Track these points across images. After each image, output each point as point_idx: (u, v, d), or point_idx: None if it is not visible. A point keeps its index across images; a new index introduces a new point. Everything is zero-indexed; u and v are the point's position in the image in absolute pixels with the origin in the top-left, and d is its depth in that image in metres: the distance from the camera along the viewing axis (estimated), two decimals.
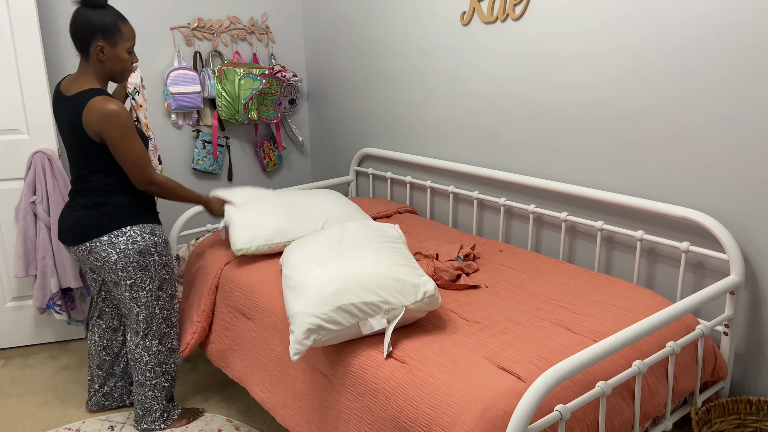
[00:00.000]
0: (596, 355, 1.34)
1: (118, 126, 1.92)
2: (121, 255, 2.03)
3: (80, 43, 1.96)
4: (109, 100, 1.92)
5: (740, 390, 1.95)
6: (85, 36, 1.93)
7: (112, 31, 1.94)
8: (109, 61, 1.98)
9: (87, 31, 1.92)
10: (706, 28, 1.81)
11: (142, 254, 2.06)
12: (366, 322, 1.63)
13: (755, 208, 1.80)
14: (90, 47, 1.95)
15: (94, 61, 1.97)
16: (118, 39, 1.96)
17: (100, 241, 2.03)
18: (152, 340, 2.17)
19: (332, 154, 3.52)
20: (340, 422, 1.64)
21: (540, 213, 2.37)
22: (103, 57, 1.96)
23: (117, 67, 2.00)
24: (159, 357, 2.19)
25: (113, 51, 1.97)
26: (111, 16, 1.94)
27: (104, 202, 2.04)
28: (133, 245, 2.04)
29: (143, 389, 2.20)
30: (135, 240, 2.04)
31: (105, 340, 2.34)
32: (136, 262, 2.05)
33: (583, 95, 2.18)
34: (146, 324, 2.14)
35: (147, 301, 2.11)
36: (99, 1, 1.93)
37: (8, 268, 2.85)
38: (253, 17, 3.29)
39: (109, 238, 2.03)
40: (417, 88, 2.85)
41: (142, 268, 2.07)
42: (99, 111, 1.91)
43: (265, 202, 2.40)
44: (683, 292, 2.03)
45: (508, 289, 1.97)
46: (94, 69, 1.99)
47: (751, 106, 1.76)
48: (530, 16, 2.29)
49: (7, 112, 2.69)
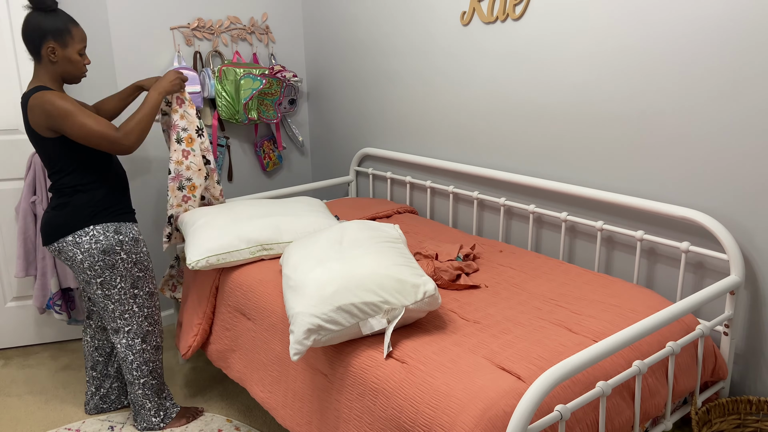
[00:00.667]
0: (596, 355, 1.34)
1: (57, 112, 1.94)
2: (86, 254, 2.06)
3: (32, 46, 2.00)
4: (45, 93, 1.97)
5: (740, 390, 1.95)
6: (36, 39, 1.98)
7: (63, 33, 1.99)
8: (61, 62, 2.03)
9: (38, 34, 1.97)
10: (706, 28, 1.81)
11: (107, 253, 2.08)
12: (366, 322, 1.63)
13: (755, 208, 1.80)
14: (41, 49, 1.99)
15: (46, 62, 2.02)
16: (69, 40, 2.01)
17: (65, 241, 2.07)
18: (134, 339, 2.18)
19: (332, 154, 3.53)
20: (340, 422, 1.64)
21: (540, 213, 2.37)
22: (54, 58, 2.01)
23: (69, 68, 2.04)
24: (144, 356, 2.21)
25: (64, 52, 2.01)
26: (62, 19, 2.00)
27: (66, 203, 2.08)
28: (96, 244, 2.07)
29: (133, 388, 2.23)
30: (98, 239, 2.07)
31: (96, 341, 2.35)
32: (102, 261, 2.07)
33: (583, 95, 2.18)
34: (124, 321, 2.16)
35: (120, 299, 2.13)
36: (49, 5, 1.98)
37: (8, 268, 2.85)
38: (253, 17, 3.29)
39: (73, 237, 2.06)
40: (417, 88, 2.85)
41: (110, 266, 2.09)
42: (38, 105, 1.95)
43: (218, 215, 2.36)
44: (683, 292, 2.03)
45: (508, 289, 1.97)
46: (45, 71, 2.04)
47: (751, 106, 1.76)
48: (530, 16, 2.29)
49: (7, 112, 2.70)
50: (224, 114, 3.14)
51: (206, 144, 2.46)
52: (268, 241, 2.25)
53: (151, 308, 2.21)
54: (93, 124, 1.98)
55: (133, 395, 2.24)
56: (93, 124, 1.98)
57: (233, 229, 2.24)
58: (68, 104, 1.96)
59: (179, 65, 3.05)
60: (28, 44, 2.01)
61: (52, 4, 2.00)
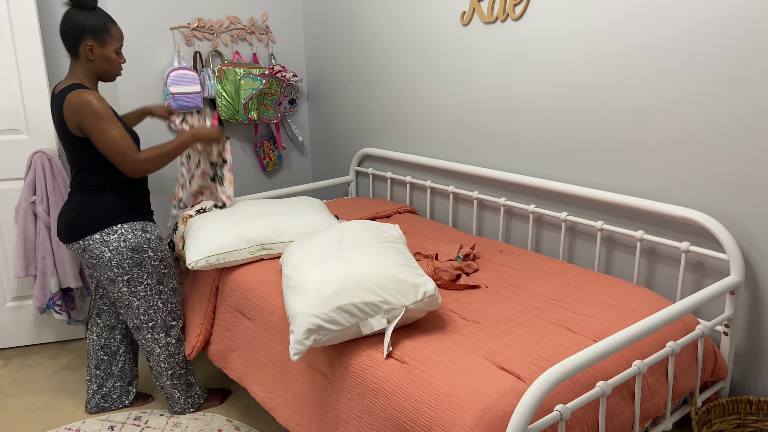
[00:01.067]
0: (596, 355, 1.34)
1: (91, 114, 1.96)
2: (115, 252, 2.08)
3: (70, 43, 2.02)
4: (84, 92, 1.98)
5: (740, 390, 1.95)
6: (75, 36, 1.99)
7: (102, 31, 2.01)
8: (98, 61, 2.04)
9: (77, 32, 1.99)
10: (706, 28, 1.81)
11: (135, 251, 2.11)
12: (366, 322, 1.63)
13: (755, 208, 1.80)
14: (80, 47, 2.01)
15: (83, 60, 2.04)
16: (107, 39, 2.03)
17: (92, 239, 2.08)
18: (159, 333, 2.23)
19: (332, 154, 3.52)
20: (340, 422, 1.64)
21: (540, 213, 2.37)
22: (92, 56, 2.03)
23: (106, 66, 2.06)
24: (169, 348, 2.27)
25: (102, 51, 2.03)
26: (101, 18, 2.01)
27: (94, 201, 2.09)
28: (125, 243, 2.09)
29: (162, 379, 2.30)
30: (126, 237, 2.09)
31: (103, 339, 2.35)
32: (130, 258, 2.10)
33: (583, 95, 2.18)
34: (148, 317, 2.19)
35: (146, 295, 2.16)
36: (89, 3, 2.00)
37: (8, 268, 2.86)
38: (253, 17, 3.29)
39: (101, 236, 2.08)
40: (417, 88, 2.85)
41: (137, 264, 2.12)
42: (75, 103, 1.96)
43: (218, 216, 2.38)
44: (683, 292, 2.03)
45: (508, 289, 1.97)
46: (82, 68, 2.05)
47: (751, 106, 1.76)
48: (530, 16, 2.29)
49: (7, 112, 2.69)
50: (224, 114, 3.14)
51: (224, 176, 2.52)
52: (268, 240, 2.25)
53: (174, 303, 2.26)
54: (117, 136, 2.00)
55: (162, 385, 2.32)
56: (117, 136, 2.00)
57: (233, 229, 2.25)
58: (103, 109, 1.98)
59: (179, 65, 3.05)
60: (66, 41, 2.02)
61: (93, 2, 2.01)
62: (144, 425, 2.31)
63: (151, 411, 2.40)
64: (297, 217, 2.37)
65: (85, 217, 2.08)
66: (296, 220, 2.35)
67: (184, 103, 3.03)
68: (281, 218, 2.34)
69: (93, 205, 2.09)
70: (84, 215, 2.08)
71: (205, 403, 2.40)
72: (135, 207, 2.15)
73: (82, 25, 1.98)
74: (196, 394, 2.38)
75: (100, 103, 1.98)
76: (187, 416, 2.35)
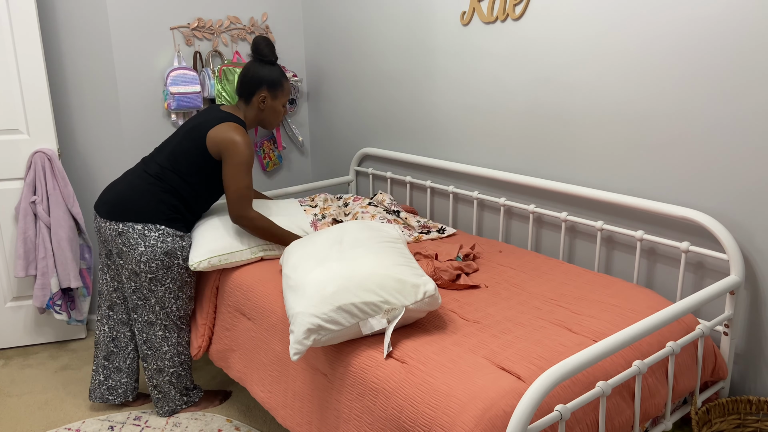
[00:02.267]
0: (596, 355, 1.34)
1: (240, 155, 2.13)
2: (148, 249, 2.13)
3: (247, 90, 2.24)
4: (242, 132, 2.16)
5: (740, 390, 1.95)
6: (253, 85, 2.23)
7: (276, 85, 2.24)
8: (267, 111, 2.28)
9: (256, 82, 2.22)
10: (707, 28, 1.81)
11: (168, 255, 2.16)
12: (366, 322, 1.63)
13: (755, 208, 1.80)
14: (254, 95, 2.24)
15: (254, 107, 2.27)
16: (279, 93, 2.26)
17: (134, 227, 2.13)
18: (171, 333, 2.27)
19: (332, 154, 3.52)
20: (340, 422, 1.64)
21: (540, 213, 2.37)
22: (263, 106, 2.26)
23: (271, 117, 2.30)
24: (178, 348, 2.30)
25: (273, 103, 2.27)
26: (277, 73, 2.25)
27: (154, 193, 2.16)
28: (162, 244, 2.15)
29: (162, 375, 2.30)
30: (165, 240, 2.15)
31: (114, 332, 2.37)
32: (160, 260, 2.15)
33: (583, 95, 2.18)
34: (161, 315, 2.23)
35: (163, 296, 2.21)
36: (272, 59, 2.24)
37: (8, 268, 2.86)
38: (253, 17, 3.29)
39: (145, 229, 2.14)
40: (417, 88, 2.85)
41: (166, 267, 2.17)
42: (230, 136, 2.13)
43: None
44: (683, 292, 2.03)
45: (508, 289, 1.97)
46: (250, 112, 2.28)
47: (751, 106, 1.76)
48: (530, 16, 2.29)
49: (7, 112, 2.70)
50: None
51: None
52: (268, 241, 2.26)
53: (187, 310, 2.31)
54: (246, 185, 2.15)
55: (160, 381, 2.31)
56: (246, 185, 2.15)
57: (233, 229, 2.25)
58: (250, 157, 2.15)
59: (179, 65, 3.06)
60: (244, 88, 2.24)
61: (274, 58, 2.24)
62: (144, 425, 2.31)
63: (151, 411, 2.40)
64: (295, 217, 2.38)
65: (139, 204, 2.14)
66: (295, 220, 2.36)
67: (184, 103, 3.03)
68: (281, 218, 2.34)
69: (151, 197, 2.15)
70: (138, 201, 2.15)
71: (202, 402, 2.42)
72: (185, 220, 2.23)
73: (261, 78, 2.21)
74: (192, 394, 2.40)
75: (249, 150, 2.15)
76: (188, 416, 2.35)
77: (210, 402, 2.42)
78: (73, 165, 2.98)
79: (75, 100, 2.93)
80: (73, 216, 2.77)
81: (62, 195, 2.71)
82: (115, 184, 2.23)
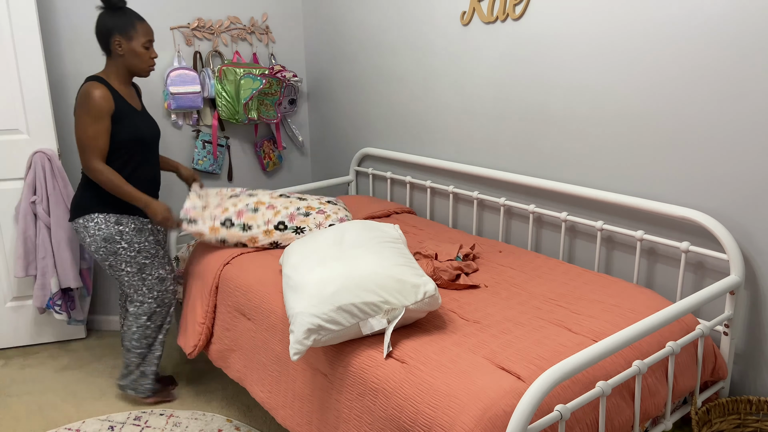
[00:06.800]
0: (596, 355, 1.34)
1: (85, 104, 2.12)
2: (91, 240, 2.24)
3: (102, 42, 2.20)
4: (96, 84, 2.14)
5: (740, 390, 1.95)
6: (104, 34, 2.18)
7: (127, 28, 2.18)
8: (128, 55, 2.20)
9: (106, 31, 2.18)
10: (707, 28, 1.81)
11: (107, 241, 2.23)
12: (366, 322, 1.63)
13: (755, 208, 1.80)
14: (111, 45, 2.19)
15: (115, 56, 2.21)
16: (133, 34, 2.19)
17: (77, 222, 2.25)
18: (141, 315, 2.33)
19: (332, 154, 3.52)
20: (340, 422, 1.64)
21: (540, 213, 2.37)
22: (121, 51, 2.19)
23: (135, 61, 2.21)
24: (146, 331, 2.35)
25: (130, 45, 2.19)
26: (126, 16, 2.19)
27: (86, 187, 2.25)
28: (99, 232, 2.23)
29: (129, 354, 2.38)
30: (100, 227, 2.23)
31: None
32: (103, 247, 2.24)
33: (583, 95, 2.18)
34: (135, 296, 2.31)
35: (130, 281, 2.29)
36: (116, 3, 2.18)
37: (8, 268, 2.85)
38: (253, 17, 3.29)
39: (84, 221, 2.24)
40: (417, 88, 2.85)
41: (112, 253, 2.25)
42: (81, 91, 2.14)
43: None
44: (683, 292, 2.03)
45: (508, 289, 1.97)
46: (114, 64, 2.23)
47: (751, 107, 1.76)
48: (530, 16, 2.29)
49: (7, 112, 2.70)
50: (224, 114, 3.14)
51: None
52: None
53: (161, 291, 2.35)
54: (91, 134, 2.14)
55: (127, 359, 2.39)
56: (90, 134, 2.13)
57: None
58: (99, 105, 2.12)
59: (179, 65, 3.06)
60: (99, 41, 2.20)
61: (119, 3, 2.19)
62: (144, 425, 2.31)
63: (151, 411, 2.40)
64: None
65: (78, 201, 2.26)
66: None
67: (184, 103, 3.03)
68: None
69: (82, 190, 2.26)
70: (77, 198, 2.26)
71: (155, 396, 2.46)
72: (115, 200, 2.25)
73: (110, 25, 2.16)
74: (146, 385, 2.42)
75: (102, 100, 2.12)
76: (188, 416, 2.35)
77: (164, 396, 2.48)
78: (73, 165, 2.98)
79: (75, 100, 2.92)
80: None
81: (62, 195, 2.71)
82: None
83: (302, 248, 1.94)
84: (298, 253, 1.91)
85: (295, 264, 1.85)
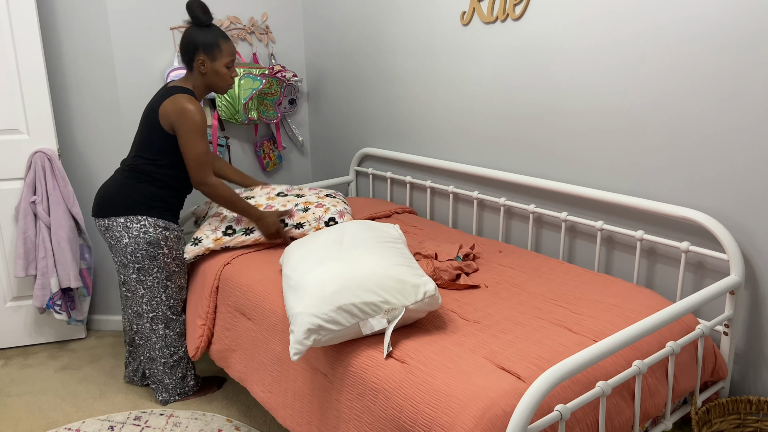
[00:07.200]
0: (596, 355, 1.34)
1: (190, 122, 2.15)
2: (132, 240, 2.21)
3: (186, 57, 2.24)
4: (190, 100, 2.17)
5: (740, 390, 1.95)
6: (189, 51, 2.22)
7: (212, 47, 2.21)
8: (210, 74, 2.25)
9: (192, 48, 2.21)
10: (706, 28, 1.81)
11: (152, 245, 2.23)
12: (366, 322, 1.63)
13: (755, 208, 1.80)
14: (194, 61, 2.23)
15: (196, 73, 2.26)
16: (218, 54, 2.23)
17: (117, 221, 2.22)
18: (158, 324, 2.33)
19: (332, 154, 3.53)
20: (340, 422, 1.64)
21: (540, 213, 2.37)
22: (204, 70, 2.24)
23: (215, 79, 2.26)
24: (167, 340, 2.36)
25: (213, 65, 2.23)
26: (213, 35, 2.22)
27: (133, 186, 2.23)
28: (144, 234, 2.21)
29: (154, 364, 2.37)
30: (147, 230, 2.22)
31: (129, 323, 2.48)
32: (144, 250, 2.22)
33: (584, 95, 2.18)
34: (150, 307, 2.30)
35: (152, 286, 2.28)
36: (204, 21, 2.21)
37: (8, 268, 2.85)
38: (253, 17, 3.29)
39: (126, 221, 2.21)
40: (417, 88, 2.85)
41: (151, 257, 2.24)
42: (178, 106, 2.15)
43: None
44: (683, 292, 2.03)
45: (508, 289, 1.97)
46: (194, 80, 2.27)
47: (751, 106, 1.76)
48: (530, 16, 2.29)
49: (7, 112, 2.70)
50: (224, 114, 3.14)
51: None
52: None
53: (177, 300, 2.36)
54: (203, 151, 2.18)
55: (153, 370, 2.38)
56: (202, 151, 2.18)
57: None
58: (201, 122, 2.17)
59: (179, 65, 3.05)
60: (183, 56, 2.24)
61: (207, 20, 2.22)
62: (144, 425, 2.31)
63: (151, 411, 2.40)
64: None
65: (119, 199, 2.22)
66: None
67: None
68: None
69: (130, 190, 2.22)
70: (118, 196, 2.22)
71: (198, 393, 2.47)
72: (166, 207, 2.28)
73: (195, 42, 2.19)
74: (188, 386, 2.45)
75: (200, 116, 2.15)
76: (188, 416, 2.35)
77: (206, 391, 2.49)
78: (73, 165, 2.98)
79: (75, 100, 2.93)
80: (73, 216, 2.77)
81: (62, 195, 2.71)
82: (103, 184, 2.31)
83: (302, 248, 1.94)
84: (298, 253, 1.91)
85: (295, 264, 1.85)
